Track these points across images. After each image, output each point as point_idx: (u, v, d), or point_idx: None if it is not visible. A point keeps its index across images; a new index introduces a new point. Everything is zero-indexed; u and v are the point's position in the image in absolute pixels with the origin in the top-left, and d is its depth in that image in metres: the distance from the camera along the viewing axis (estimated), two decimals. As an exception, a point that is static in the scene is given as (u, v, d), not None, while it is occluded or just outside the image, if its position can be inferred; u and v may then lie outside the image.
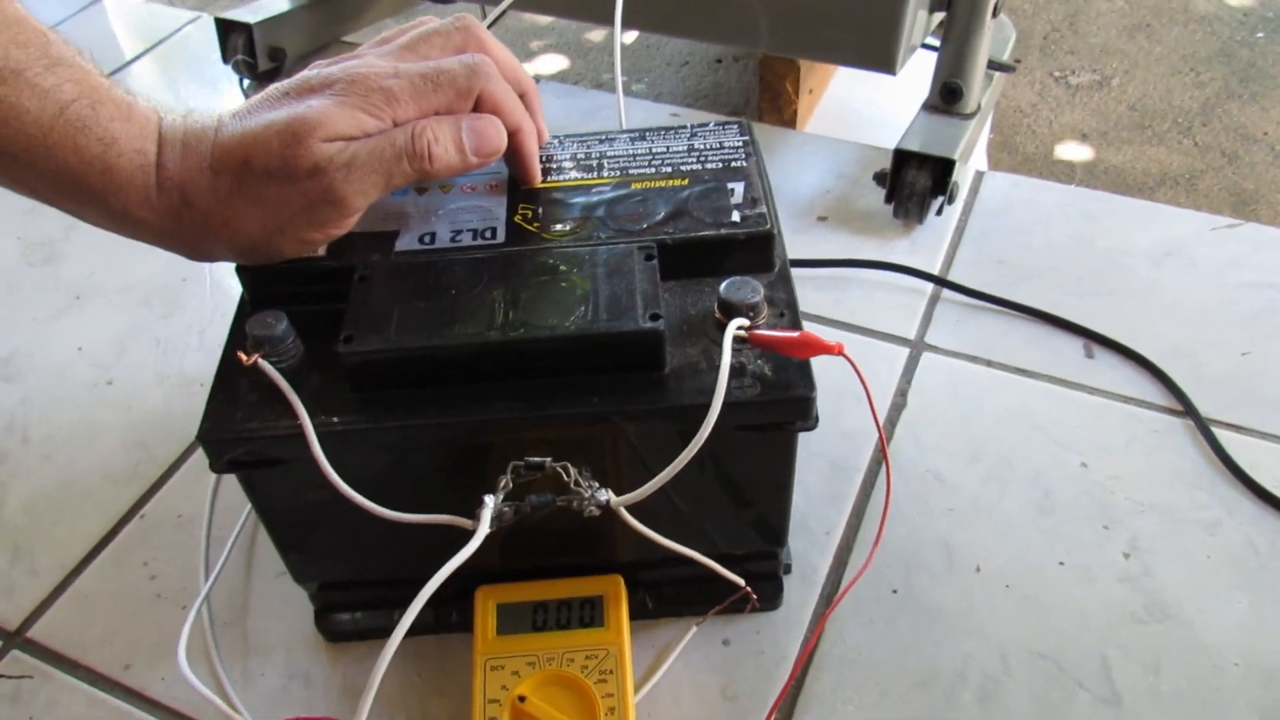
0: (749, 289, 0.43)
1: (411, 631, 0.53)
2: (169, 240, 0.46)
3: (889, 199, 0.75)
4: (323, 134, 0.42)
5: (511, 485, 0.41)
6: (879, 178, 0.75)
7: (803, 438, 0.45)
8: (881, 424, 0.62)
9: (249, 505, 0.60)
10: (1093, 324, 0.67)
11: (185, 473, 0.63)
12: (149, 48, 1.04)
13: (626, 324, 0.42)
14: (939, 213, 0.75)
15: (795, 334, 0.41)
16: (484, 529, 0.39)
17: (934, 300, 0.70)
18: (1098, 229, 0.75)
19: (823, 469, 0.60)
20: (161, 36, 1.05)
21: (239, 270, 0.47)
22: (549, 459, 0.41)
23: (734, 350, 0.42)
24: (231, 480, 0.62)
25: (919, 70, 0.80)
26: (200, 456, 0.64)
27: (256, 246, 0.45)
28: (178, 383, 0.68)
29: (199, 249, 0.46)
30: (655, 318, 0.42)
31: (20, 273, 0.79)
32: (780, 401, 0.42)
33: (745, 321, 0.43)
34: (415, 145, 0.44)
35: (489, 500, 0.40)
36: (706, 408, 0.40)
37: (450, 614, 0.53)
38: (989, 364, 0.66)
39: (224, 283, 0.76)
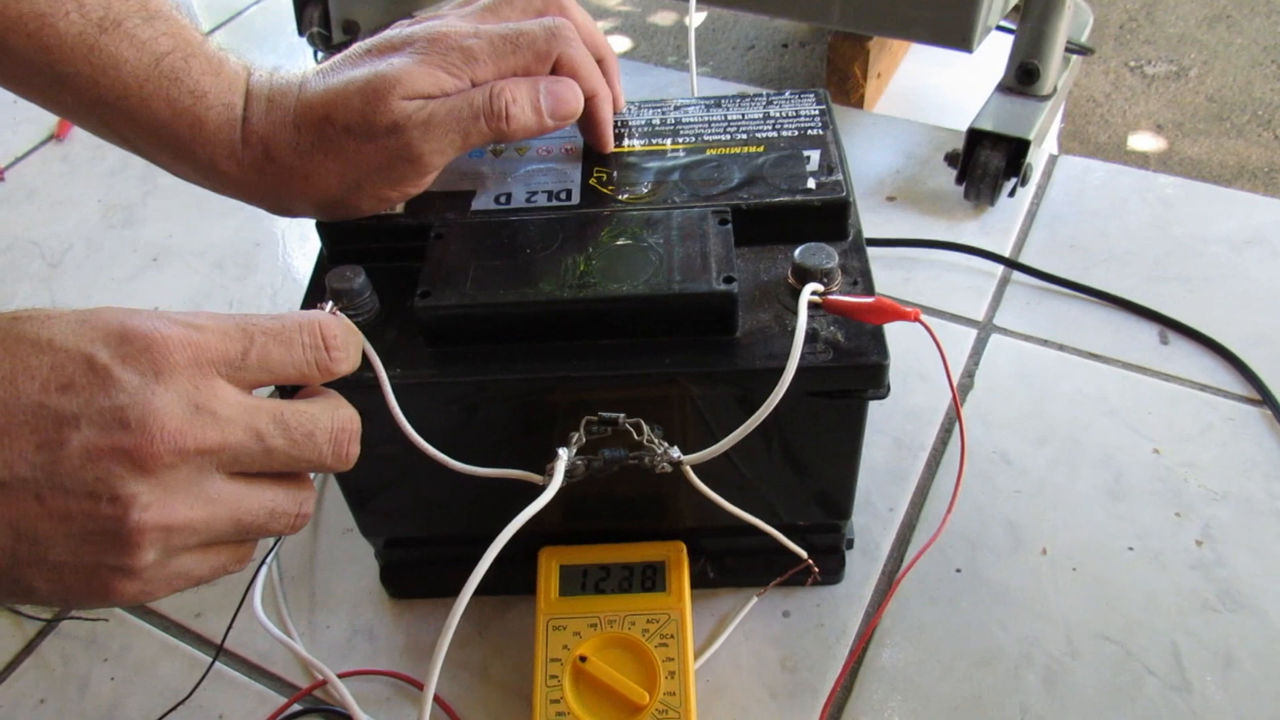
0: (824, 254, 0.43)
1: (474, 591, 0.54)
2: (251, 194, 0.47)
3: (960, 179, 0.74)
4: (402, 91, 0.43)
5: (584, 440, 0.41)
6: (950, 158, 0.74)
7: (869, 415, 0.44)
8: (955, 386, 0.61)
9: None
10: (1168, 310, 0.65)
11: (256, 430, 0.64)
12: (226, 20, 1.06)
13: (700, 286, 0.41)
14: (1011, 194, 0.74)
15: (870, 299, 0.41)
16: (558, 481, 0.39)
17: (1004, 283, 0.69)
18: (1175, 216, 0.73)
19: (887, 446, 0.59)
20: (238, 9, 1.07)
21: (318, 226, 0.48)
22: (622, 415, 0.41)
23: (807, 315, 0.42)
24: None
25: (988, 58, 0.79)
26: (271, 415, 0.65)
27: (335, 202, 0.46)
28: (250, 343, 0.70)
29: (280, 203, 0.47)
30: (729, 280, 0.42)
31: (101, 234, 0.81)
32: (853, 368, 0.42)
33: (819, 287, 0.42)
34: (493, 105, 0.44)
35: (563, 453, 0.40)
36: (778, 372, 0.40)
37: (512, 575, 0.53)
38: (1060, 348, 0.64)
39: (296, 248, 0.78)
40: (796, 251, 0.43)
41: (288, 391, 0.40)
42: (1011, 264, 0.69)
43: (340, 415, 0.39)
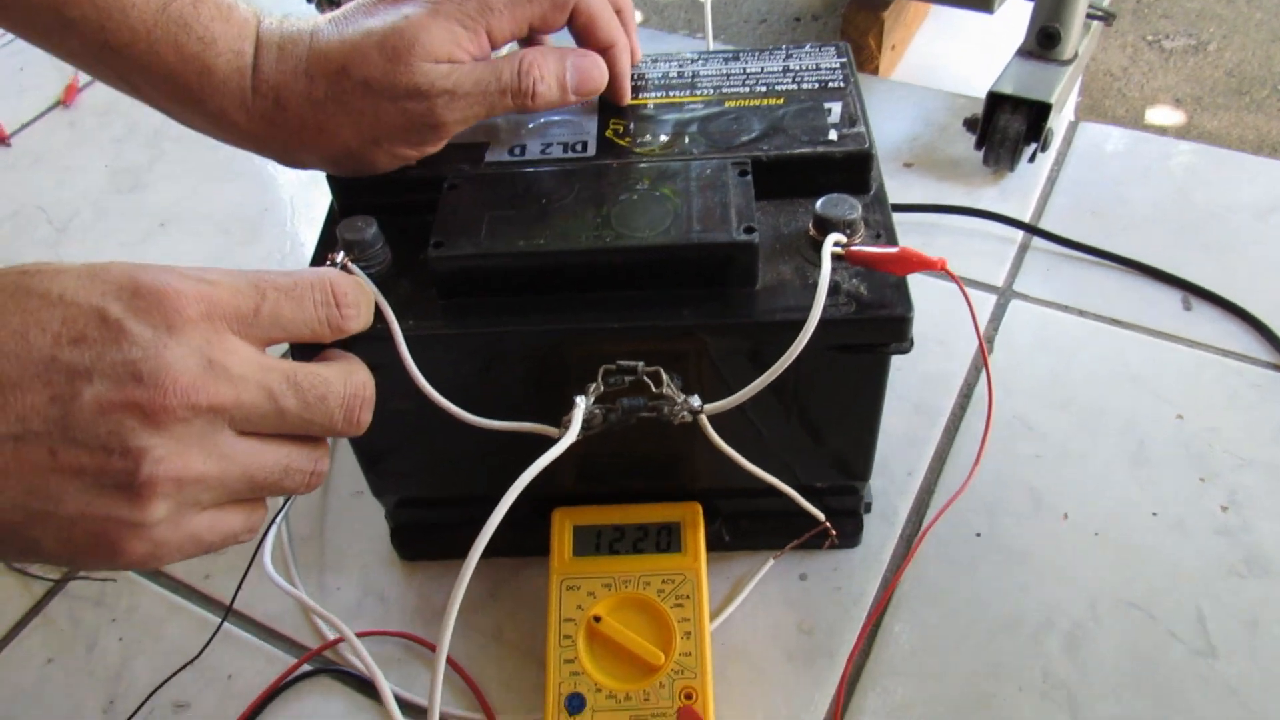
0: (846, 205, 0.42)
1: (486, 553, 0.53)
2: (262, 145, 0.46)
3: (979, 145, 0.72)
4: (423, 52, 0.42)
5: (602, 389, 0.40)
6: (969, 123, 0.73)
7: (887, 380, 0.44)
8: (981, 334, 0.60)
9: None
10: (1191, 277, 0.64)
11: (265, 394, 0.64)
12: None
13: (719, 235, 0.41)
14: (1031, 160, 0.72)
15: (894, 249, 0.40)
16: (575, 428, 0.38)
17: (1023, 248, 0.68)
18: (1198, 182, 0.72)
19: (905, 411, 0.58)
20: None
21: (329, 178, 0.47)
22: (641, 363, 0.40)
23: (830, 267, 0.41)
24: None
25: (1002, 31, 0.78)
26: (280, 378, 0.64)
27: (349, 156, 0.45)
28: (259, 307, 0.69)
29: (291, 155, 0.46)
30: (749, 230, 0.41)
31: (108, 199, 0.80)
32: (877, 320, 0.41)
33: (842, 237, 0.41)
34: (521, 83, 0.44)
35: (580, 401, 0.39)
36: (799, 325, 0.39)
37: (525, 537, 0.52)
38: (1081, 314, 0.63)
39: (303, 213, 0.77)
40: (818, 203, 0.42)
41: (304, 354, 0.40)
42: (1031, 229, 0.68)
43: (354, 380, 0.38)
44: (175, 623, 0.53)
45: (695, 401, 0.40)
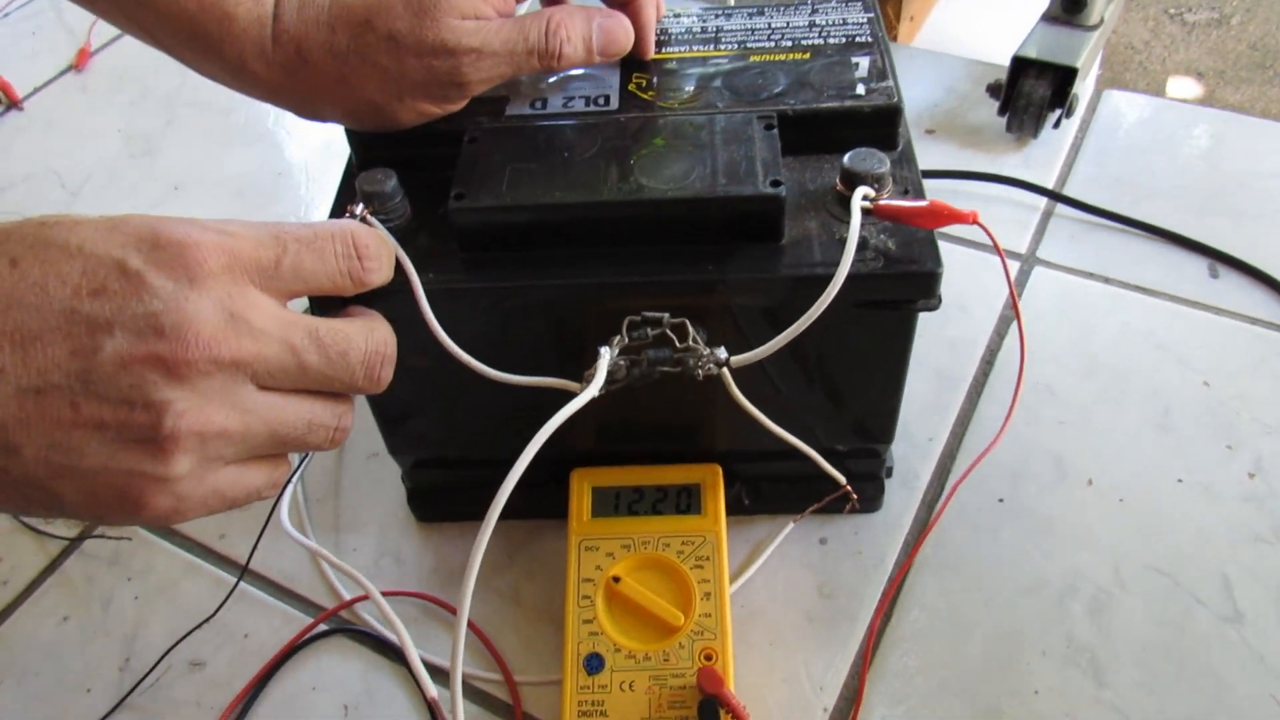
0: (875, 159, 0.41)
1: (504, 515, 0.53)
2: (282, 97, 0.45)
3: (1003, 111, 0.71)
4: (450, 8, 0.41)
5: (626, 341, 0.39)
6: (993, 89, 0.72)
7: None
8: (1012, 284, 0.59)
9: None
10: (1218, 244, 0.63)
11: (280, 356, 0.63)
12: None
13: (745, 188, 0.40)
14: (1056, 126, 0.71)
15: (924, 202, 0.39)
16: (600, 380, 0.38)
17: (1047, 215, 0.67)
18: (1225, 150, 0.70)
19: (928, 377, 0.57)
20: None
21: (348, 131, 0.46)
22: (667, 314, 0.39)
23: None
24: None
25: (1020, 6, 0.76)
26: (295, 341, 0.64)
27: (370, 110, 0.44)
28: (273, 270, 0.68)
29: (311, 108, 0.45)
30: (776, 184, 0.40)
31: (121, 163, 0.79)
32: (905, 275, 0.40)
33: (870, 191, 0.40)
34: (549, 44, 0.43)
35: (605, 352, 0.39)
36: (826, 280, 0.38)
37: (543, 499, 0.52)
38: (1105, 281, 0.62)
39: (318, 178, 0.76)
40: (846, 157, 0.41)
41: (325, 310, 0.39)
42: (1055, 196, 0.67)
43: (375, 337, 0.38)
44: (191, 582, 0.52)
45: (721, 353, 0.39)
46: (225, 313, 0.33)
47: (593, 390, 0.38)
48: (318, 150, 0.78)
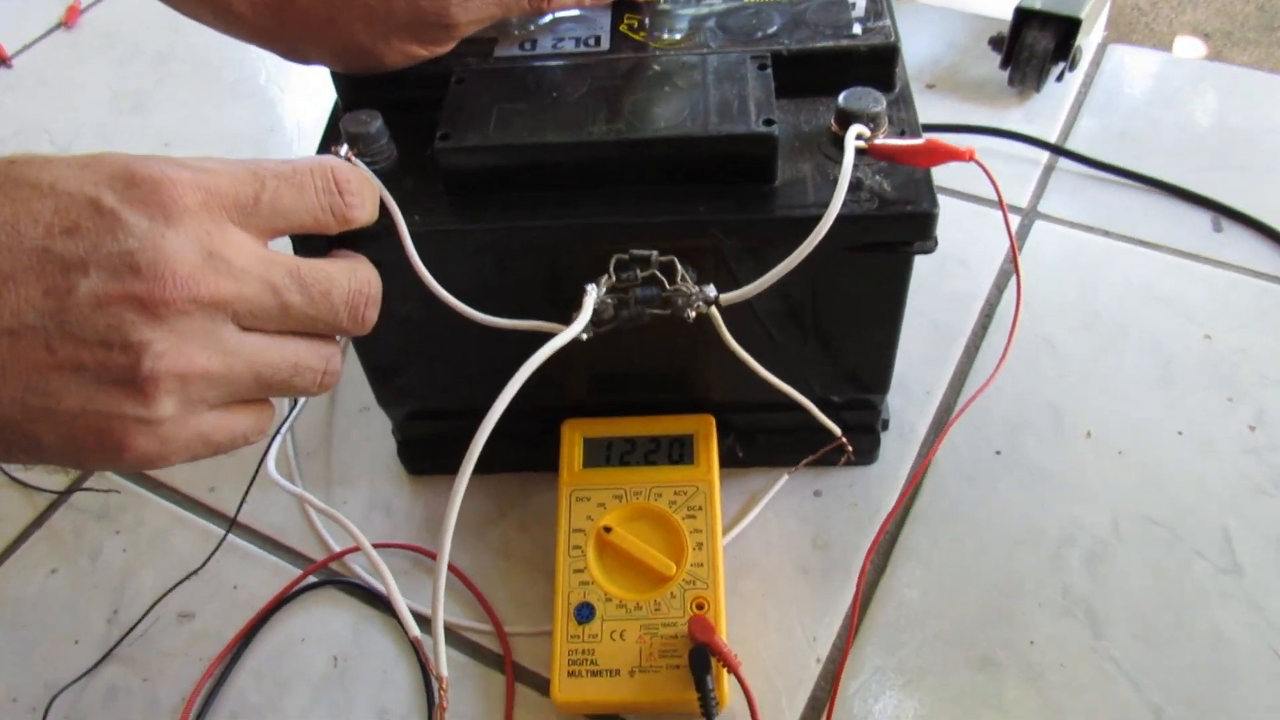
0: (870, 98, 0.40)
1: (494, 469, 0.52)
2: (268, 39, 0.44)
3: (1005, 64, 0.70)
4: None
5: (614, 280, 0.38)
6: (995, 42, 0.71)
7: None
8: (1012, 232, 0.58)
9: (333, 342, 0.59)
10: (1222, 198, 0.62)
11: (270, 312, 0.62)
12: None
13: (738, 127, 0.39)
14: (1059, 79, 0.70)
15: (920, 140, 0.38)
16: (586, 316, 0.37)
17: (1049, 170, 0.66)
18: (1230, 105, 0.69)
19: (925, 329, 0.57)
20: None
21: (333, 73, 0.45)
22: (655, 252, 0.38)
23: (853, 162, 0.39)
24: (316, 319, 0.61)
25: None
26: (285, 296, 0.63)
27: (357, 52, 0.43)
28: (264, 226, 0.68)
29: (297, 50, 0.44)
30: (769, 123, 0.39)
31: (111, 122, 0.78)
32: (901, 216, 0.39)
33: (865, 130, 0.40)
34: None
35: (591, 289, 0.38)
36: (819, 221, 0.37)
37: (534, 453, 0.51)
38: (1107, 234, 0.62)
39: (311, 134, 0.75)
40: (841, 95, 0.40)
41: (308, 252, 0.38)
42: (1057, 150, 0.66)
43: (359, 277, 0.37)
44: (180, 535, 0.52)
45: (710, 291, 0.39)
46: (203, 251, 0.32)
47: (577, 327, 0.37)
48: (309, 107, 0.77)
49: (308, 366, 0.36)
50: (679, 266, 0.38)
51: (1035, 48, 0.68)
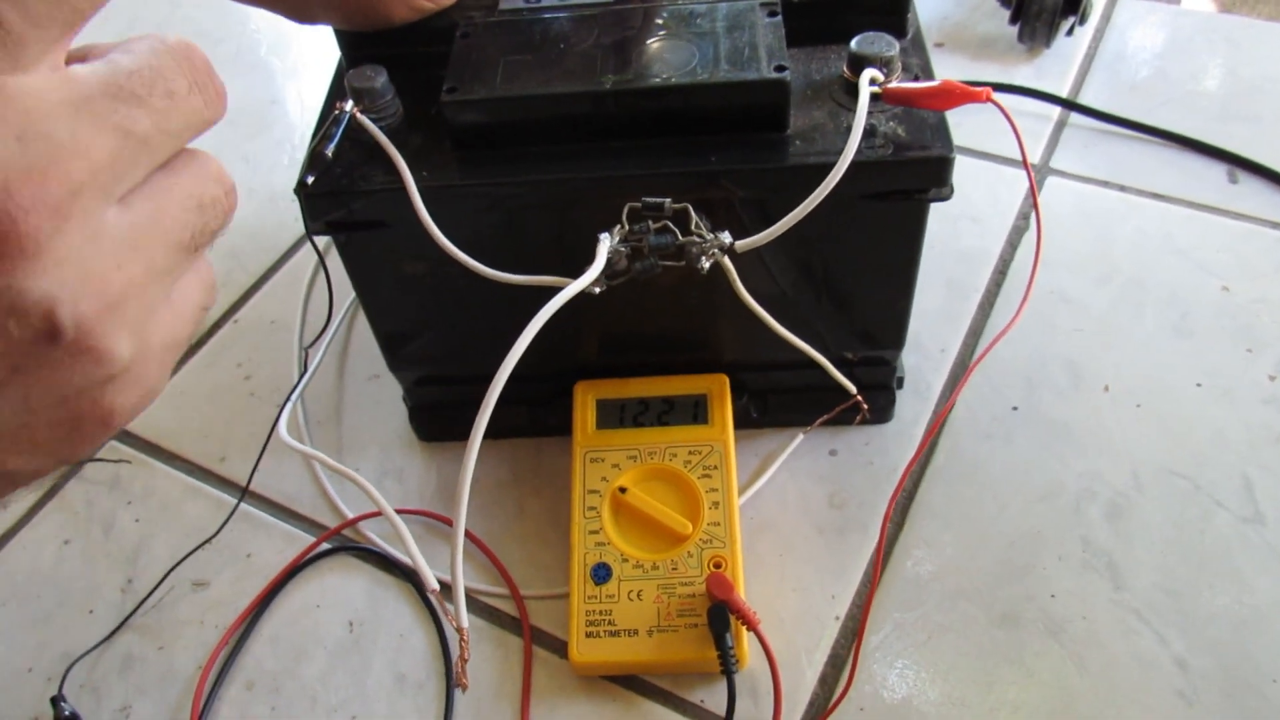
0: (883, 42, 0.39)
1: (508, 433, 0.52)
2: (272, -2, 0.43)
3: (1014, 19, 0.69)
4: None
5: (627, 229, 0.38)
6: (1003, -2, 0.70)
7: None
8: (1031, 173, 0.58)
9: (342, 310, 0.59)
10: (1237, 149, 0.61)
11: (276, 282, 0.62)
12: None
13: (749, 74, 0.38)
14: (1069, 34, 0.69)
15: (935, 82, 0.38)
16: (599, 265, 0.36)
17: (1060, 125, 0.65)
18: (1243, 56, 0.68)
19: (939, 287, 0.56)
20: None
21: (337, 31, 0.44)
22: (668, 200, 0.38)
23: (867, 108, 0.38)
24: (321, 289, 0.60)
25: None
26: (292, 266, 0.63)
27: (363, 8, 0.42)
28: (265, 196, 0.67)
29: (303, 9, 0.44)
30: (780, 69, 0.38)
31: (111, 96, 0.77)
32: (917, 162, 0.38)
33: (879, 74, 0.39)
34: None
35: (604, 238, 0.37)
36: (832, 168, 0.37)
37: (547, 416, 0.51)
38: (1121, 189, 0.61)
39: (313, 106, 0.74)
40: (854, 40, 0.40)
41: None
42: (1069, 104, 0.65)
43: (171, 45, 0.25)
44: (192, 504, 0.51)
45: (726, 237, 0.38)
46: (11, 140, 0.21)
47: (591, 275, 0.36)
48: (311, 78, 0.77)
49: (209, 195, 0.26)
50: (693, 214, 0.38)
51: (1045, 2, 0.67)
